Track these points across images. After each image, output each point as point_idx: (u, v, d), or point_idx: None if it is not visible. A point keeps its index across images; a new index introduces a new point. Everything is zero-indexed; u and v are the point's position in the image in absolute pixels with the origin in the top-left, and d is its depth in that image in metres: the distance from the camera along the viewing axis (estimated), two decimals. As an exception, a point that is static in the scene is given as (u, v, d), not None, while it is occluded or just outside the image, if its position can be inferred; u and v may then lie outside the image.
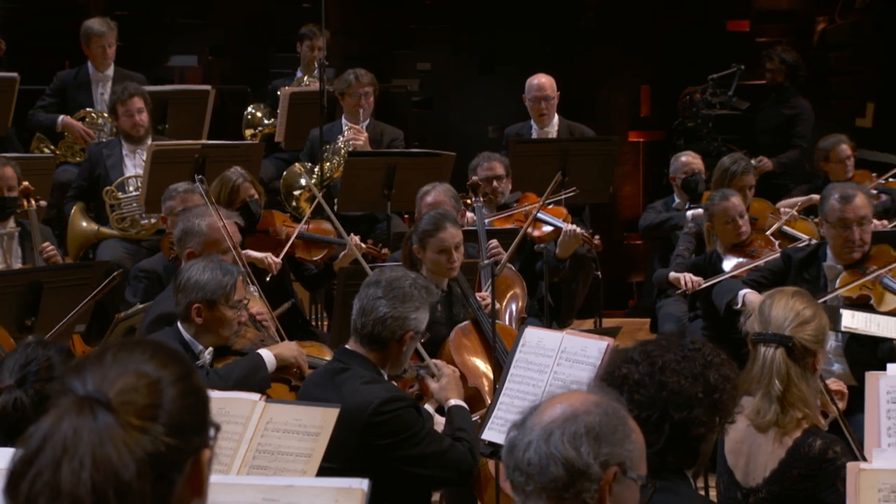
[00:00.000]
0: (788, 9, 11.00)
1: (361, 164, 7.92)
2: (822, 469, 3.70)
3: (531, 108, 8.71)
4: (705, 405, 3.02)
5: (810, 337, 3.79)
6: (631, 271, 10.45)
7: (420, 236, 5.80)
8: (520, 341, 4.99)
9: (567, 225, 7.32)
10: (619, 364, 3.07)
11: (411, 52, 11.02)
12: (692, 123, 9.79)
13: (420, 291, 4.30)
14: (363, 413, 4.12)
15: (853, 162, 8.62)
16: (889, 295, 5.86)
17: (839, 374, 5.74)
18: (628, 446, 2.39)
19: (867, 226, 5.93)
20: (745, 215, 7.06)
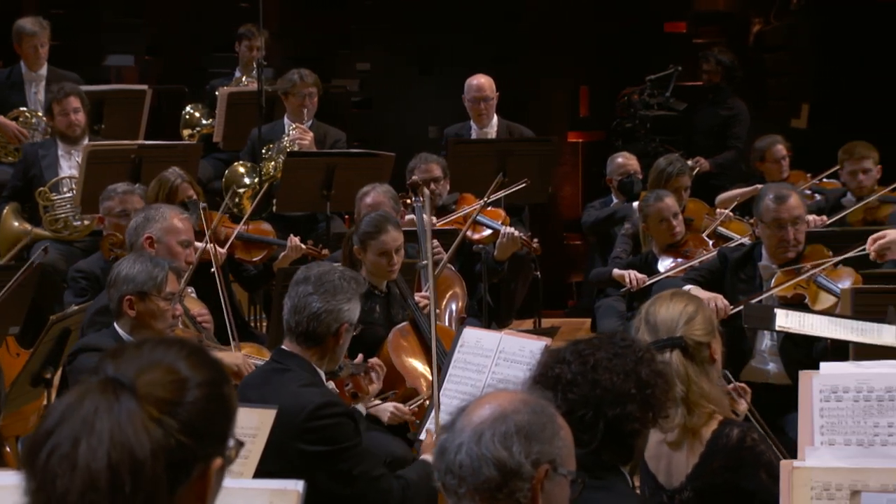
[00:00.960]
0: (725, 10, 11.10)
1: (301, 165, 7.89)
2: (741, 458, 3.73)
3: (470, 109, 8.72)
4: (638, 401, 3.04)
5: (700, 331, 3.82)
6: (570, 271, 10.49)
7: (361, 238, 5.81)
8: (458, 342, 5.01)
9: (505, 228, 7.34)
10: (551, 364, 3.08)
11: (351, 52, 11.00)
12: (630, 124, 9.85)
13: (349, 283, 4.29)
14: (297, 416, 4.08)
15: (788, 162, 8.71)
16: (823, 294, 5.93)
17: (774, 374, 5.80)
18: (558, 443, 2.40)
19: (801, 226, 5.99)
20: (680, 216, 7.13)
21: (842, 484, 3.38)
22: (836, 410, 4.17)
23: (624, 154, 8.53)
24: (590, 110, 11.01)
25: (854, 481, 3.36)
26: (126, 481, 1.73)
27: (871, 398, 4.17)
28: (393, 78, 10.89)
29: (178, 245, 5.51)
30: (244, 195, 8.14)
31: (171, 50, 10.87)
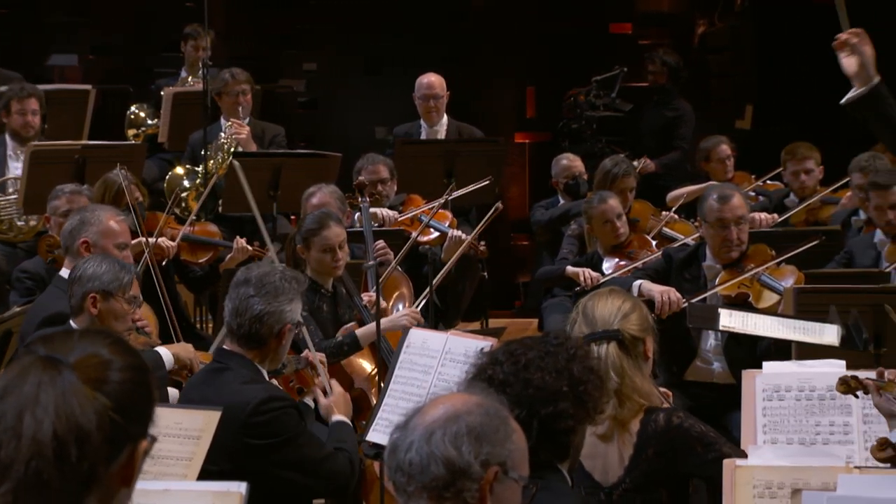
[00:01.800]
0: (669, 12, 11.17)
1: (246, 166, 7.83)
2: (672, 439, 3.77)
3: (420, 107, 8.72)
4: (571, 398, 3.05)
5: (636, 326, 3.89)
6: (518, 272, 10.51)
7: (304, 235, 5.80)
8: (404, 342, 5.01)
9: (453, 231, 7.35)
10: (485, 365, 3.09)
11: (297, 52, 10.97)
12: (576, 125, 9.89)
13: (291, 283, 4.28)
14: (241, 413, 4.08)
15: (733, 162, 8.78)
16: (767, 292, 5.98)
17: (718, 373, 5.85)
18: (509, 446, 2.41)
19: (744, 225, 6.04)
20: (623, 217, 7.17)
21: (783, 482, 3.41)
22: (779, 409, 4.22)
23: (568, 156, 8.57)
24: (536, 111, 11.04)
25: (795, 480, 3.39)
26: (72, 451, 1.79)
27: (812, 397, 4.22)
28: (339, 78, 10.87)
29: (114, 248, 5.47)
30: (189, 197, 8.10)
31: (115, 50, 10.80)
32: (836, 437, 4.11)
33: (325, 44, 10.89)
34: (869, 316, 5.02)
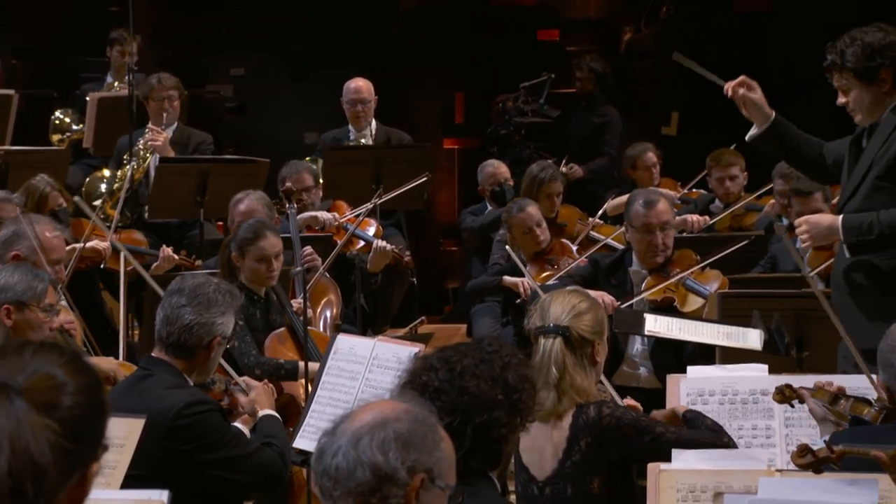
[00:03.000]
0: (596, 19, 11.24)
1: (173, 171, 7.80)
2: (604, 428, 3.85)
3: (348, 112, 8.70)
4: (506, 406, 3.06)
5: (587, 327, 3.95)
6: (447, 277, 10.53)
7: (239, 244, 5.77)
8: (331, 349, 5.00)
9: (378, 241, 7.34)
10: (419, 372, 3.09)
11: (224, 56, 10.91)
12: (505, 131, 9.92)
13: (224, 296, 4.26)
14: (165, 417, 4.07)
15: (659, 169, 8.85)
16: (692, 296, 6.04)
17: (645, 377, 5.89)
18: (437, 454, 2.41)
19: (669, 230, 6.10)
20: (544, 224, 7.19)
21: (706, 486, 3.45)
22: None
23: (493, 163, 8.60)
24: (465, 117, 11.07)
25: (718, 483, 3.43)
26: (28, 488, 1.75)
27: (735, 401, 4.27)
28: (267, 83, 10.83)
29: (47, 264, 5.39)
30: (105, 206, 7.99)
31: (39, 54, 10.67)
32: (759, 440, 4.16)
33: (253, 49, 10.84)
34: (791, 320, 5.09)
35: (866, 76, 4.78)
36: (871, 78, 4.77)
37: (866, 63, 4.75)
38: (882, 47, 4.76)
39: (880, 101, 4.80)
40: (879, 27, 4.82)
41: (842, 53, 4.79)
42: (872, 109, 4.82)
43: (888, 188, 4.77)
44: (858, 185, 4.84)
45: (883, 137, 4.79)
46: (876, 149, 4.80)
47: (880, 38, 4.77)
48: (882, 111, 4.82)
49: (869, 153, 4.83)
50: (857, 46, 4.76)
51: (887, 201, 4.75)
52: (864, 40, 4.77)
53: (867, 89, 4.79)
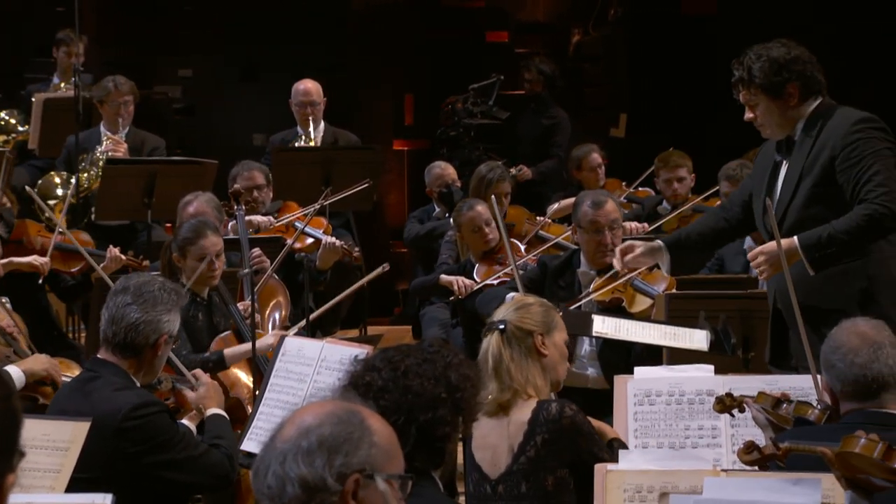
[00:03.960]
0: (545, 21, 11.28)
1: (120, 172, 7.74)
2: (562, 428, 3.91)
3: (297, 113, 8.68)
4: (449, 405, 3.08)
5: (529, 320, 4.07)
6: (396, 279, 10.52)
7: (180, 244, 5.74)
8: (280, 351, 4.98)
9: (327, 237, 7.33)
10: (361, 372, 3.10)
11: (172, 58, 10.85)
12: (454, 132, 9.93)
13: (169, 294, 4.25)
14: (114, 419, 4.05)
15: (604, 170, 8.90)
16: (640, 296, 6.07)
17: (593, 378, 5.91)
18: (368, 450, 2.36)
19: (618, 230, 6.13)
20: (492, 223, 7.21)
21: (653, 486, 3.47)
22: (650, 414, 4.30)
23: (441, 164, 8.60)
24: (415, 119, 11.07)
25: (664, 483, 3.45)
26: None
27: (682, 401, 4.30)
28: (216, 84, 10.78)
29: None
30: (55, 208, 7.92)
31: (-18, 55, 10.57)
32: (705, 440, 4.19)
33: (201, 50, 10.79)
34: (737, 321, 5.12)
35: (773, 91, 4.84)
36: (779, 93, 4.84)
37: (773, 78, 4.83)
38: (787, 62, 4.83)
39: (788, 116, 4.88)
40: (782, 42, 4.90)
41: (749, 69, 4.86)
42: (781, 123, 4.89)
43: (826, 194, 4.82)
44: (791, 198, 4.88)
45: (806, 151, 4.84)
46: (803, 160, 4.85)
47: (785, 53, 4.84)
48: (790, 125, 4.89)
49: (795, 167, 4.87)
50: (764, 62, 4.83)
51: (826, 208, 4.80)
52: (770, 56, 4.84)
53: (775, 104, 4.86)
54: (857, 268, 4.77)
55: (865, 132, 4.77)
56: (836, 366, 3.59)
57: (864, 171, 4.70)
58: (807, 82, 4.85)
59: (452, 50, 10.88)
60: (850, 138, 4.75)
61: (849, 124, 4.78)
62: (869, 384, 3.55)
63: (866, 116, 4.84)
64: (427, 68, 10.93)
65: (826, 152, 4.79)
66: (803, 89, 4.85)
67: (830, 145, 4.78)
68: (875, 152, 4.73)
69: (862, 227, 4.66)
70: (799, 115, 4.88)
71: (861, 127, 4.78)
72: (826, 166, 4.78)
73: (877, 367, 3.56)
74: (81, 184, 8.04)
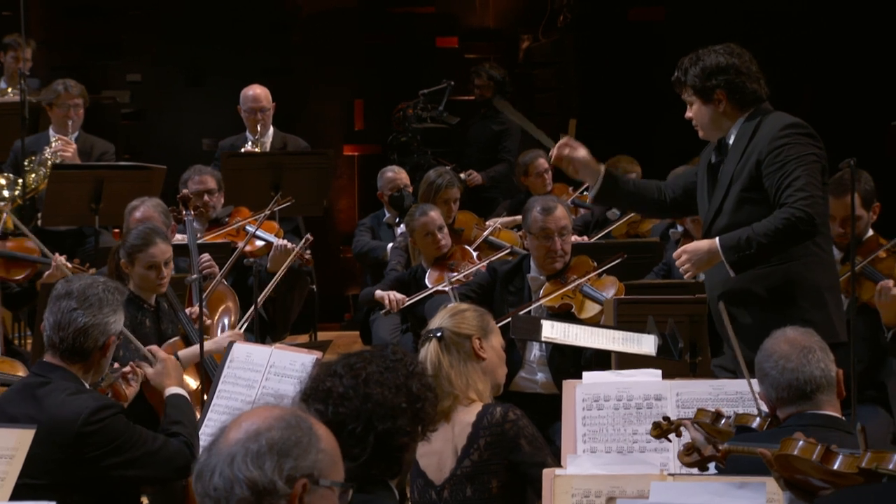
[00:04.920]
0: (495, 27, 11.30)
1: (67, 177, 7.68)
2: (504, 431, 3.94)
3: (247, 119, 8.65)
4: (409, 415, 3.07)
5: (464, 324, 4.09)
6: (347, 284, 10.51)
7: (128, 251, 5.70)
8: (227, 357, 4.96)
9: (278, 240, 7.31)
10: (322, 378, 3.08)
11: (120, 62, 10.78)
12: (405, 138, 9.93)
13: (113, 294, 4.23)
14: (72, 425, 4.03)
15: (551, 175, 8.93)
16: (589, 303, 6.10)
17: (543, 383, 5.93)
18: (315, 455, 2.39)
19: (567, 236, 6.16)
20: (445, 229, 7.22)
21: (601, 490, 3.49)
22: (598, 419, 4.31)
23: (393, 168, 8.61)
24: (365, 124, 11.06)
25: (612, 488, 3.47)
26: None
27: (630, 406, 4.31)
28: (165, 89, 10.72)
29: None
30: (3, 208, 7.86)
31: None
32: (653, 444, 4.20)
33: (151, 55, 10.73)
34: (685, 326, 5.16)
35: (704, 95, 4.92)
36: (708, 97, 4.92)
37: (704, 83, 4.90)
38: (718, 69, 4.90)
39: (718, 120, 4.95)
40: (727, 49, 4.96)
41: (685, 71, 4.95)
42: (711, 126, 4.96)
43: (754, 199, 4.87)
44: (721, 202, 4.94)
45: (739, 153, 4.90)
46: (734, 165, 4.91)
47: (720, 61, 4.91)
48: (720, 130, 4.95)
49: (727, 170, 4.93)
50: (698, 66, 4.92)
51: (754, 212, 4.84)
52: (705, 61, 4.92)
53: (705, 107, 4.94)
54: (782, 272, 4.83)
55: (792, 137, 4.82)
56: (770, 374, 3.64)
57: (786, 175, 4.76)
58: (735, 92, 4.90)
59: (402, 55, 10.89)
60: (776, 143, 4.81)
61: (776, 129, 4.84)
62: (803, 388, 3.61)
63: (795, 122, 4.89)
64: (377, 74, 10.93)
65: (754, 157, 4.85)
66: (731, 97, 4.91)
67: (758, 150, 4.84)
68: (799, 157, 4.78)
69: (780, 230, 4.71)
70: (730, 120, 4.94)
71: (788, 132, 4.83)
72: (753, 171, 4.84)
73: (808, 371, 3.61)
74: (29, 184, 7.97)
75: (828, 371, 3.64)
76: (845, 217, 5.45)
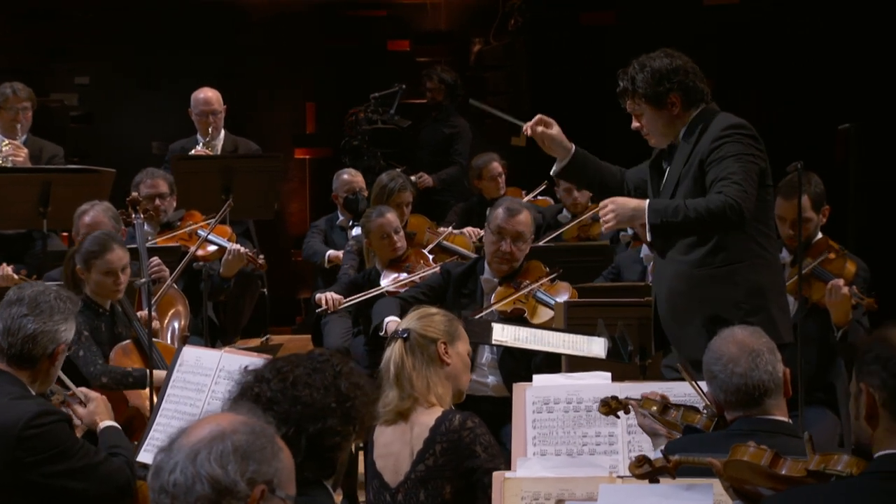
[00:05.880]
0: (446, 30, 11.31)
1: (14, 181, 7.61)
2: (461, 438, 3.96)
3: (198, 122, 8.61)
4: (339, 415, 3.07)
5: (432, 329, 4.14)
6: (298, 287, 10.48)
7: (85, 257, 5.69)
8: (177, 361, 4.95)
9: (232, 245, 7.28)
10: (251, 383, 3.08)
11: (69, 65, 10.70)
12: (356, 141, 9.91)
13: (65, 303, 4.23)
14: (13, 429, 4.00)
15: (504, 179, 8.95)
16: (541, 308, 6.11)
17: (493, 386, 5.94)
18: (276, 465, 2.41)
19: (521, 244, 6.16)
20: (401, 231, 7.23)
21: (550, 493, 3.49)
22: (548, 421, 4.32)
23: (350, 171, 8.60)
24: (317, 127, 11.03)
25: (561, 490, 3.48)
26: None
27: (580, 409, 4.33)
28: (114, 92, 10.64)
29: None
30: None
31: None
32: (602, 447, 4.23)
33: (100, 57, 10.65)
34: (634, 328, 5.18)
35: (656, 101, 4.95)
36: (661, 102, 4.95)
37: (656, 88, 4.93)
38: (669, 72, 4.94)
39: (672, 124, 4.98)
40: (666, 52, 5.00)
41: (633, 80, 4.96)
42: (665, 132, 5.00)
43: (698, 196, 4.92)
44: None
45: (685, 156, 4.95)
46: (680, 167, 4.95)
47: (667, 64, 4.95)
48: (674, 133, 4.99)
49: (674, 172, 4.98)
50: (647, 73, 4.93)
51: None
52: (653, 66, 4.94)
53: (658, 113, 4.97)
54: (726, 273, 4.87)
55: (733, 137, 4.87)
56: (718, 376, 3.66)
57: (723, 169, 4.80)
58: (688, 92, 4.95)
59: (354, 58, 10.87)
60: (718, 142, 4.86)
61: (719, 129, 4.89)
62: (751, 392, 3.62)
63: (738, 123, 4.94)
64: (328, 77, 10.90)
65: (698, 158, 4.90)
66: (685, 98, 4.95)
67: (702, 150, 4.89)
68: (738, 155, 4.83)
69: (710, 210, 4.73)
70: (682, 122, 4.98)
71: (730, 132, 4.88)
72: (696, 171, 4.89)
73: (757, 375, 3.63)
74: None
75: (776, 374, 3.67)
76: (795, 219, 5.49)
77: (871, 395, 2.72)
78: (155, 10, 10.55)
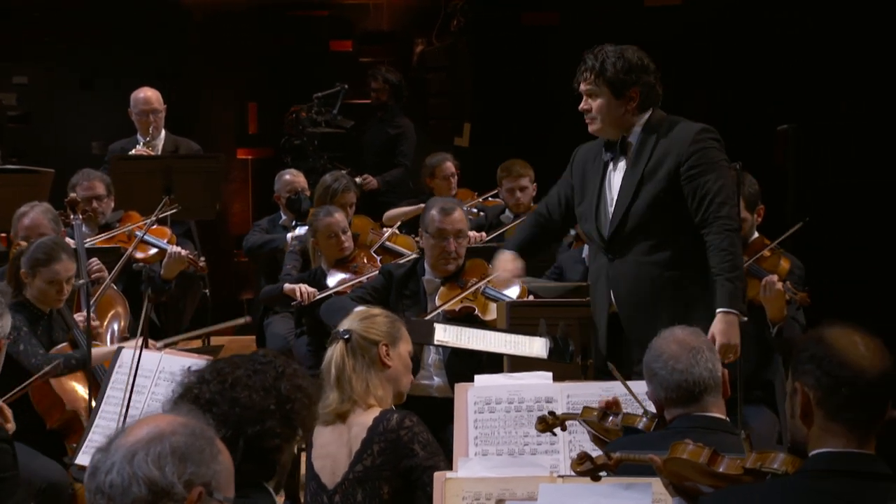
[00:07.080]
0: (389, 30, 11.30)
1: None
2: (399, 437, 3.96)
3: (138, 122, 8.54)
4: (278, 417, 3.05)
5: (373, 330, 4.15)
6: (241, 288, 10.43)
7: (31, 263, 5.65)
8: (116, 362, 4.91)
9: (172, 247, 7.23)
10: (191, 385, 3.06)
11: (6, 64, 10.58)
12: (299, 141, 9.88)
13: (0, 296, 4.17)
14: None
15: (457, 179, 8.96)
16: (493, 304, 6.11)
17: (438, 387, 5.93)
18: (215, 467, 2.40)
19: (462, 240, 6.18)
20: (349, 231, 7.22)
21: (491, 493, 3.50)
22: (490, 421, 4.33)
23: (292, 171, 8.57)
24: (259, 127, 10.98)
25: (502, 490, 3.48)
26: None
27: (521, 408, 4.34)
28: (53, 92, 10.54)
29: None
30: None
31: None
32: (543, 447, 4.24)
33: (37, 56, 10.54)
34: (576, 328, 5.20)
35: (618, 89, 4.99)
36: (622, 93, 5.00)
37: (623, 77, 4.97)
38: (639, 67, 5.01)
39: (623, 118, 5.03)
40: (639, 50, 5.05)
41: (602, 61, 5.01)
42: (613, 123, 5.04)
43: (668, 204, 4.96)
44: (631, 202, 5.01)
45: (648, 152, 4.99)
46: (644, 164, 4.99)
47: (638, 59, 5.03)
48: (621, 127, 5.04)
49: (635, 169, 5.01)
50: (619, 60, 5.00)
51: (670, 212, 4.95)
52: (626, 56, 5.02)
53: (616, 102, 5.01)
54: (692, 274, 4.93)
55: (707, 142, 4.98)
56: (659, 374, 3.69)
57: (709, 183, 4.91)
58: (649, 92, 5.01)
59: (296, 58, 10.83)
60: (696, 147, 4.95)
61: (693, 133, 4.98)
62: (691, 389, 3.65)
63: (707, 126, 5.05)
64: (270, 77, 10.86)
65: (671, 159, 4.96)
66: (643, 97, 5.01)
67: (675, 153, 4.95)
68: (716, 163, 4.95)
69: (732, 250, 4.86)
70: (633, 120, 5.03)
71: (704, 136, 4.98)
72: (672, 172, 4.95)
73: (697, 372, 3.66)
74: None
75: (715, 372, 3.70)
76: None
77: (806, 394, 2.75)
78: (95, 9, 10.46)
